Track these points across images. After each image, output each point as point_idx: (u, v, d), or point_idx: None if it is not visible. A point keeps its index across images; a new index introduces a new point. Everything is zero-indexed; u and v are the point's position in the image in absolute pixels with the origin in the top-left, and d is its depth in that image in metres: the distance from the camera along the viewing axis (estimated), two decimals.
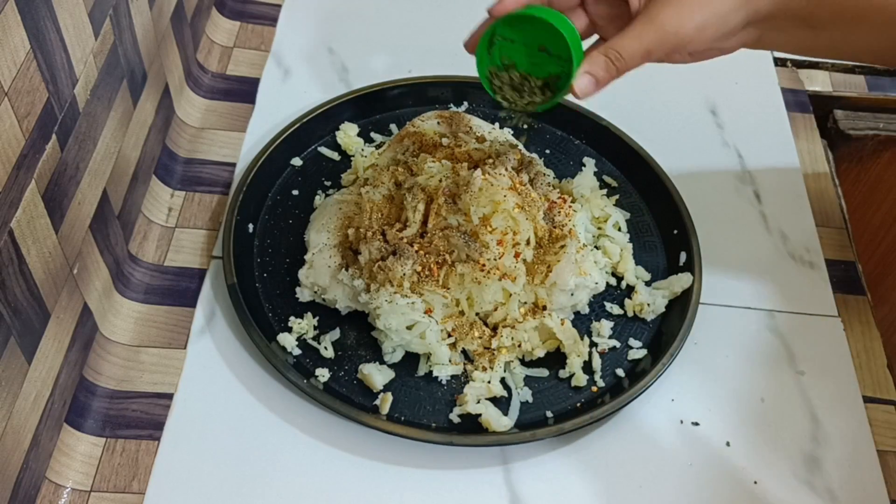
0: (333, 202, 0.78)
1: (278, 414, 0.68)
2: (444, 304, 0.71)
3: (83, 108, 0.64)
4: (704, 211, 0.83)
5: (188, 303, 0.75)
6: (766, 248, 0.84)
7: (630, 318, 0.76)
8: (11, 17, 0.53)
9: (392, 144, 0.82)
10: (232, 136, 0.88)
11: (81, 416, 0.66)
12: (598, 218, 0.81)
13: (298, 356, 0.71)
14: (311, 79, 0.95)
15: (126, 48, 0.72)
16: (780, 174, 0.91)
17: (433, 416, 0.69)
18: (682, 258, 0.79)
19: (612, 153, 0.88)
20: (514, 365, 0.72)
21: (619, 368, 0.73)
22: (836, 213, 0.88)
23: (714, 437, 0.70)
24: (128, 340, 0.71)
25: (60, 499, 0.63)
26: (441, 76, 0.92)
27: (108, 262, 0.71)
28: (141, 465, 0.65)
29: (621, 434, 0.70)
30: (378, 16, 1.03)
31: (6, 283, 0.54)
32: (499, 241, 0.71)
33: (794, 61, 1.03)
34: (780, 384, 0.74)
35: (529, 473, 0.67)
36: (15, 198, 0.55)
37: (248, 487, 0.64)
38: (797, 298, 0.80)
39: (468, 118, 0.83)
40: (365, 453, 0.67)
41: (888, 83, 1.03)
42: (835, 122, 1.00)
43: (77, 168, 0.64)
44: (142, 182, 0.78)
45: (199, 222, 0.81)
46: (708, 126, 0.95)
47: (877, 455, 0.70)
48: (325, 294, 0.73)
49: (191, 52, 0.91)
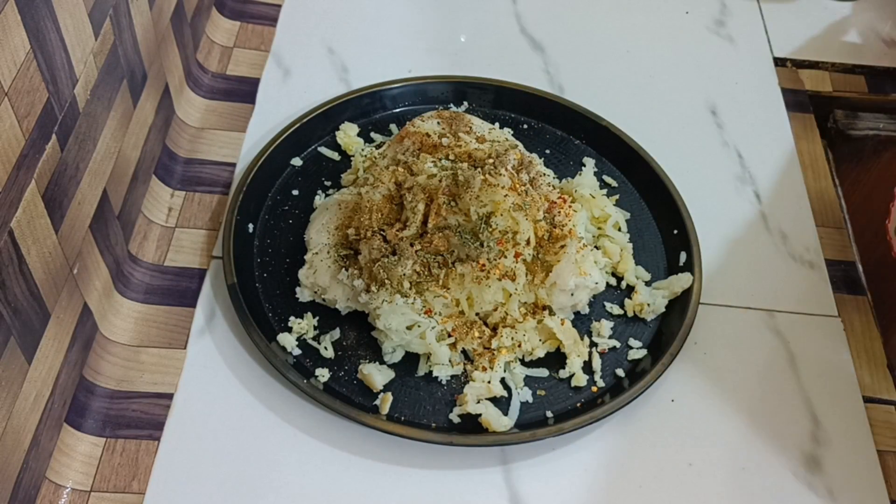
0: (333, 202, 0.78)
1: (278, 414, 0.68)
2: (444, 304, 0.71)
3: (83, 108, 0.64)
4: (704, 211, 0.83)
5: (188, 303, 0.75)
6: (766, 248, 0.84)
7: (630, 318, 0.76)
8: (11, 17, 0.53)
9: (392, 144, 0.82)
10: (232, 136, 0.88)
11: (81, 416, 0.66)
12: (598, 218, 0.81)
13: (298, 356, 0.71)
14: (311, 79, 0.95)
15: (126, 48, 0.72)
16: (780, 174, 0.91)
17: (433, 416, 0.69)
18: (682, 258, 0.79)
19: (612, 153, 0.88)
20: (514, 365, 0.72)
21: (619, 368, 0.73)
22: (836, 213, 0.88)
23: (714, 438, 0.70)
24: (128, 340, 0.71)
25: (60, 499, 0.63)
26: (441, 76, 0.93)
27: (108, 262, 0.71)
28: (141, 465, 0.65)
29: (621, 434, 0.70)
30: (378, 16, 1.03)
31: (6, 283, 0.54)
32: (499, 241, 0.71)
33: (793, 61, 1.03)
34: (780, 384, 0.74)
35: (529, 473, 0.67)
36: (15, 198, 0.55)
37: (248, 487, 0.64)
38: (797, 298, 0.80)
39: (468, 118, 0.83)
40: (365, 453, 0.67)
41: (888, 83, 1.03)
42: (835, 122, 1.00)
43: (77, 168, 0.64)
44: (142, 182, 0.78)
45: (199, 222, 0.81)
46: (708, 126, 0.95)
47: (877, 455, 0.70)
48: (325, 294, 0.73)
49: (191, 52, 0.91)
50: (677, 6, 1.09)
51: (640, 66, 1.01)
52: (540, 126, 0.91)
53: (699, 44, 1.05)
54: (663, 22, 1.07)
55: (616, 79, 0.99)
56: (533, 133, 0.91)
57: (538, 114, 0.91)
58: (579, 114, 0.90)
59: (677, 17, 1.08)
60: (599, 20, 1.06)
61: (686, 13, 1.08)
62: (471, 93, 0.92)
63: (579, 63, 1.00)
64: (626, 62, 1.01)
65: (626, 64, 1.01)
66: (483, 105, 0.92)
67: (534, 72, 0.98)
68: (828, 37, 1.07)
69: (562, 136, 0.90)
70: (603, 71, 1.00)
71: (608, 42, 1.03)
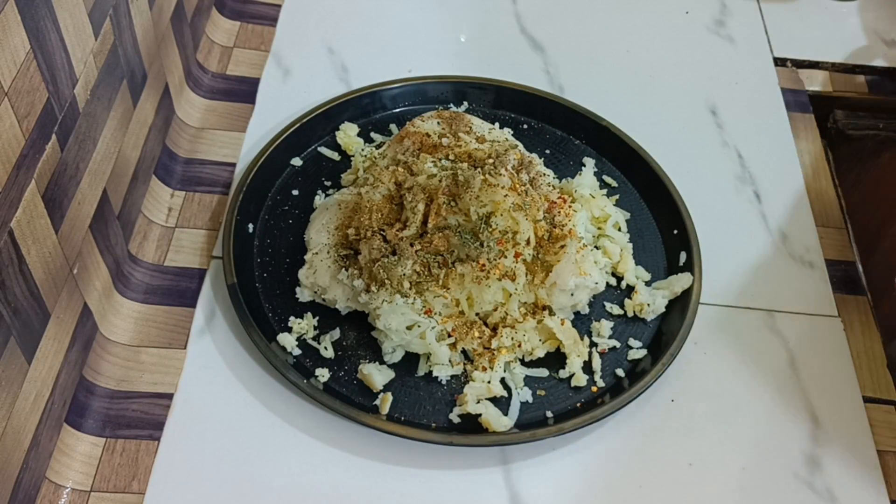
0: (333, 202, 0.78)
1: (278, 414, 0.68)
2: (444, 304, 0.71)
3: (83, 108, 0.64)
4: (704, 211, 0.83)
5: (188, 303, 0.75)
6: (766, 248, 0.84)
7: (630, 318, 0.76)
8: (11, 17, 0.53)
9: (392, 144, 0.82)
10: (232, 136, 0.88)
11: (81, 416, 0.66)
12: (598, 218, 0.81)
13: (298, 356, 0.71)
14: (311, 79, 0.95)
15: (126, 48, 0.72)
16: (780, 174, 0.91)
17: (433, 416, 0.69)
18: (682, 258, 0.79)
19: (612, 153, 0.88)
20: (513, 365, 0.72)
21: (619, 368, 0.73)
22: (836, 213, 0.88)
23: (714, 437, 0.70)
24: (128, 340, 0.71)
25: (60, 499, 0.63)
26: (441, 76, 0.92)
27: (108, 262, 0.71)
28: (141, 465, 0.65)
29: (621, 434, 0.70)
30: (378, 16, 1.03)
31: (6, 283, 0.54)
32: (499, 241, 0.71)
33: (794, 61, 1.03)
34: (780, 384, 0.74)
35: (529, 473, 0.67)
36: (15, 198, 0.55)
37: (248, 487, 0.64)
38: (797, 298, 0.80)
39: (468, 118, 0.83)
40: (365, 453, 0.67)
41: (888, 83, 1.03)
42: (835, 122, 1.00)
43: (77, 168, 0.64)
44: (142, 182, 0.78)
45: (199, 222, 0.81)
46: (708, 126, 0.95)
47: (877, 455, 0.70)
48: (325, 294, 0.73)
49: (191, 52, 0.91)
50: (677, 6, 1.09)
51: (640, 66, 1.01)
52: (540, 126, 0.91)
53: (699, 44, 1.05)
54: (663, 22, 1.07)
55: (616, 79, 0.99)
56: (533, 133, 0.90)
57: (538, 114, 0.91)
58: (579, 114, 0.90)
59: (677, 17, 1.08)
60: (599, 20, 1.06)
61: (686, 13, 1.08)
62: (471, 93, 0.92)
63: (579, 63, 1.00)
64: (626, 62, 1.01)
65: (626, 64, 1.01)
66: (483, 105, 0.92)
67: (534, 72, 0.98)
68: (828, 37, 1.07)
69: (562, 136, 0.90)
70: (603, 71, 1.00)
71: (608, 42, 1.03)
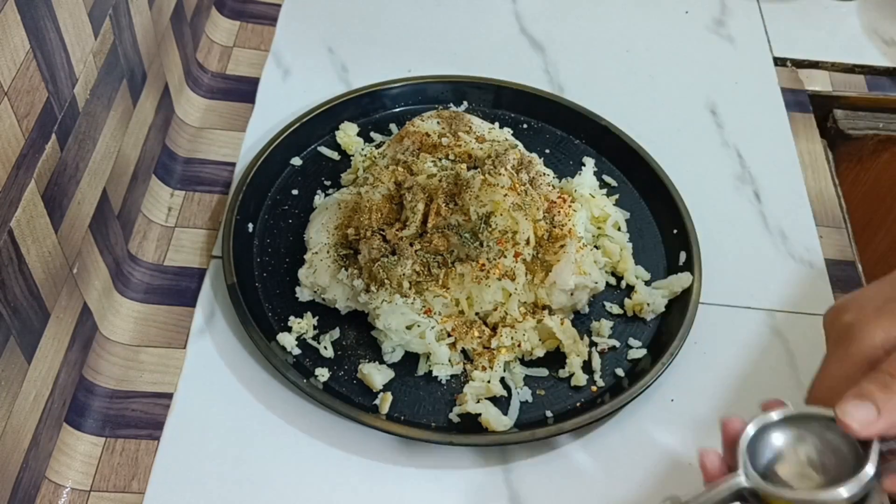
0: (333, 202, 0.78)
1: (278, 414, 0.68)
2: (443, 303, 0.71)
3: (83, 107, 0.64)
4: (704, 211, 0.83)
5: (188, 302, 0.75)
6: (765, 247, 0.84)
7: (630, 317, 0.76)
8: (11, 17, 0.53)
9: (392, 144, 0.82)
10: (232, 135, 0.88)
11: (81, 416, 0.66)
12: (598, 217, 0.81)
13: (298, 356, 0.71)
14: (310, 78, 0.95)
15: (126, 48, 0.72)
16: (780, 174, 0.91)
17: (433, 416, 0.69)
18: (682, 258, 0.79)
19: (612, 153, 0.88)
20: (513, 365, 0.72)
21: (618, 368, 0.73)
22: (836, 213, 0.88)
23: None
24: (127, 340, 0.71)
25: (60, 498, 0.63)
26: (441, 76, 0.92)
27: (108, 261, 0.71)
28: (140, 465, 0.65)
29: (621, 434, 0.70)
30: (378, 16, 1.03)
31: (6, 283, 0.54)
32: (498, 241, 0.71)
33: (794, 61, 1.03)
34: (780, 384, 0.74)
35: (529, 473, 0.67)
36: (15, 197, 0.55)
37: (247, 487, 0.64)
38: (797, 298, 0.80)
39: (468, 118, 0.83)
40: (365, 453, 0.67)
41: (888, 83, 1.03)
42: (835, 122, 1.00)
43: (77, 168, 0.64)
44: (141, 182, 0.78)
45: (198, 222, 0.81)
46: (708, 126, 0.95)
47: None
48: (324, 294, 0.73)
49: (190, 51, 0.91)
50: (677, 6, 1.09)
51: (640, 66, 1.01)
52: (540, 126, 0.91)
53: (699, 43, 1.05)
54: (663, 22, 1.07)
55: (616, 79, 0.99)
56: (533, 133, 0.90)
57: (538, 114, 0.91)
58: (579, 114, 0.90)
59: (677, 17, 1.08)
60: (599, 20, 1.06)
61: (686, 13, 1.08)
62: (470, 92, 0.92)
63: (579, 63, 1.00)
64: (626, 62, 1.01)
65: (626, 64, 1.01)
66: (483, 105, 0.92)
67: (534, 72, 0.98)
68: (828, 37, 1.07)
69: (562, 135, 0.90)
70: (603, 71, 1.00)
71: (608, 42, 1.03)
